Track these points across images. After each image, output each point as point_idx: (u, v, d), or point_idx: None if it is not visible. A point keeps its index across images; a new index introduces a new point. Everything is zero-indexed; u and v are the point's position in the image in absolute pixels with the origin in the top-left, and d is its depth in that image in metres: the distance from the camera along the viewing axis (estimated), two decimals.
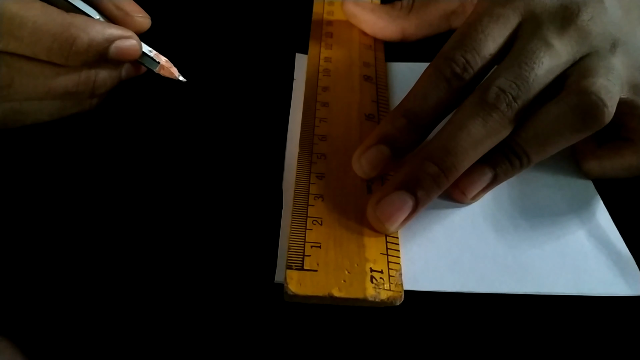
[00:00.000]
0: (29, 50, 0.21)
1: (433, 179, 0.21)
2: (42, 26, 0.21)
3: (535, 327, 0.20)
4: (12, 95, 0.22)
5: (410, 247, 0.22)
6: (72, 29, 0.21)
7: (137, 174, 0.25)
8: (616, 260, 0.22)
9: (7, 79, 0.22)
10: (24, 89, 0.22)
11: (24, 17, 0.21)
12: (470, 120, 0.21)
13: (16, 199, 0.23)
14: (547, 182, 0.25)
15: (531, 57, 0.21)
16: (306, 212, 0.22)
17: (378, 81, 0.29)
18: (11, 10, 0.20)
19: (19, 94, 0.22)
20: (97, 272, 0.21)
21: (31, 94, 0.23)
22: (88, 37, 0.22)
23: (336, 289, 0.19)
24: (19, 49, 0.21)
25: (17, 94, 0.22)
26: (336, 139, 0.25)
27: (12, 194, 0.23)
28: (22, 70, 0.22)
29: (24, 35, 0.21)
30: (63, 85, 0.23)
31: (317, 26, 0.33)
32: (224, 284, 0.21)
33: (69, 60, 0.22)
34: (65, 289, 0.20)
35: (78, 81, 0.24)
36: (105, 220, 0.23)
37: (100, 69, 0.24)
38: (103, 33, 0.22)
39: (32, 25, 0.21)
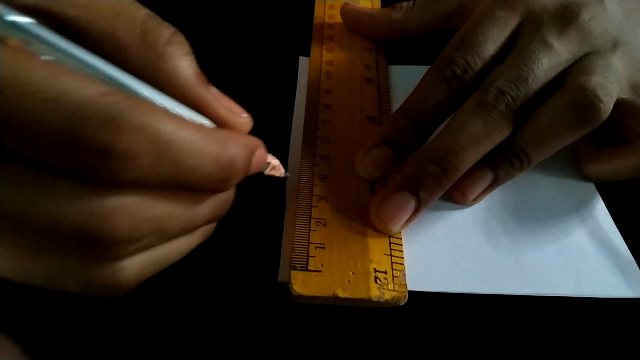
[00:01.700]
0: (180, 180, 0.14)
1: (434, 179, 0.21)
2: (203, 145, 0.14)
3: (537, 328, 0.20)
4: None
5: (413, 248, 0.22)
6: (230, 146, 0.15)
7: None
8: (617, 262, 0.22)
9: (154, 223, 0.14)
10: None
11: (183, 138, 0.13)
12: (470, 121, 0.21)
13: None
14: (549, 183, 0.25)
15: (530, 58, 0.22)
16: (310, 213, 0.22)
17: (379, 83, 0.29)
18: (171, 133, 0.13)
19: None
20: None
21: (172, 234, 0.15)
22: (244, 153, 0.15)
23: (340, 290, 0.19)
24: (163, 178, 0.13)
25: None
26: (339, 141, 0.26)
27: None
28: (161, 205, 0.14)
29: (179, 161, 0.13)
30: (206, 217, 0.16)
31: (319, 29, 0.33)
32: (227, 283, 0.21)
33: (227, 185, 0.15)
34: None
35: (220, 206, 0.17)
36: None
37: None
38: (247, 144, 0.16)
39: (192, 147, 0.13)
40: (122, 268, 0.14)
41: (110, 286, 0.14)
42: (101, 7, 0.14)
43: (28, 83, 0.11)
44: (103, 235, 0.13)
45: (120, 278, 0.14)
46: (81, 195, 0.12)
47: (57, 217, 0.12)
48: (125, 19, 0.14)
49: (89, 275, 0.14)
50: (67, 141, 0.11)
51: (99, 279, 0.14)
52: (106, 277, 0.14)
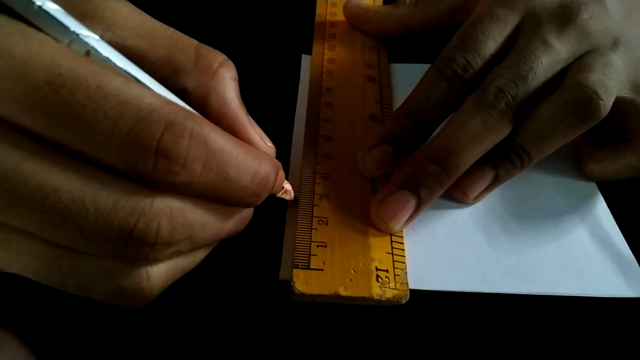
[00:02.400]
0: (222, 189, 0.15)
1: (435, 178, 0.21)
2: (244, 159, 0.15)
3: (538, 327, 0.20)
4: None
5: (414, 247, 0.22)
6: (264, 163, 0.16)
7: None
8: (619, 262, 0.22)
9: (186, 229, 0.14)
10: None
11: (230, 150, 0.14)
12: (470, 120, 0.21)
13: None
14: (550, 183, 0.25)
15: (530, 57, 0.22)
16: (312, 211, 0.22)
17: (381, 82, 0.29)
18: (220, 144, 0.14)
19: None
20: None
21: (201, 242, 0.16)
22: (275, 172, 0.16)
23: (342, 288, 0.19)
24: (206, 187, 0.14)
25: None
26: (340, 140, 0.26)
27: None
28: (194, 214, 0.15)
29: (224, 171, 0.14)
30: (231, 230, 0.17)
31: (321, 28, 0.33)
32: (229, 281, 0.21)
33: (258, 200, 0.16)
34: None
35: (243, 221, 0.18)
36: None
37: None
38: (275, 164, 0.17)
39: (236, 159, 0.14)
40: (150, 275, 0.15)
41: (136, 293, 0.15)
42: (159, 37, 0.16)
43: (106, 88, 0.12)
44: (146, 234, 0.13)
45: (147, 286, 0.15)
46: (132, 193, 0.13)
47: (107, 211, 0.13)
48: (181, 46, 0.16)
49: (119, 280, 0.14)
50: (133, 142, 0.12)
51: (128, 285, 0.14)
52: (135, 283, 0.14)
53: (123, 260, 0.14)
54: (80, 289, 0.14)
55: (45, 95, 0.12)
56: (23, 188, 0.12)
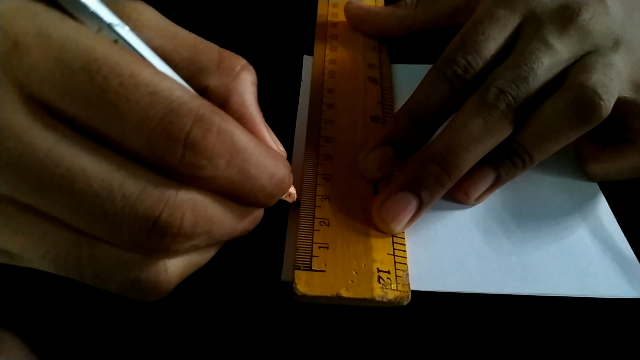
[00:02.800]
0: (241, 186, 0.15)
1: (436, 179, 0.21)
2: (264, 159, 0.15)
3: (540, 327, 0.20)
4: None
5: (416, 248, 0.22)
6: (281, 165, 0.16)
7: None
8: (620, 262, 0.22)
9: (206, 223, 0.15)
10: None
11: (252, 148, 0.15)
12: (471, 120, 0.21)
13: None
14: (552, 183, 0.25)
15: (531, 58, 0.22)
16: (313, 213, 0.22)
17: (383, 82, 0.29)
18: (244, 141, 0.14)
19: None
20: None
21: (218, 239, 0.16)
22: (289, 175, 0.17)
23: (344, 289, 0.20)
24: (224, 181, 0.14)
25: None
26: (342, 141, 0.26)
27: None
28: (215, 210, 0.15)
29: (246, 168, 0.15)
30: (244, 229, 0.17)
31: (322, 28, 0.33)
32: (231, 282, 0.21)
33: (273, 200, 0.16)
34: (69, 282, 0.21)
35: (254, 221, 0.18)
36: None
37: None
38: (289, 167, 0.17)
39: (257, 158, 0.15)
40: (167, 269, 0.15)
41: (154, 285, 0.15)
42: (183, 39, 0.16)
43: (139, 77, 0.12)
44: (169, 224, 0.13)
45: (164, 279, 0.15)
46: (158, 184, 0.13)
47: (133, 199, 0.13)
48: (204, 49, 0.16)
49: (137, 272, 0.14)
50: (163, 132, 0.13)
51: (146, 276, 0.15)
52: (153, 275, 0.15)
53: (144, 250, 0.14)
54: (98, 279, 0.14)
55: (80, 80, 0.12)
56: (55, 169, 0.12)
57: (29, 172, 0.12)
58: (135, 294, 0.15)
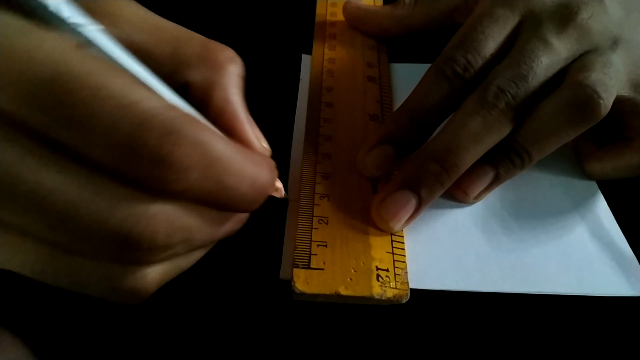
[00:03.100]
0: (218, 196, 0.14)
1: (435, 178, 0.21)
2: (243, 167, 0.14)
3: (538, 326, 0.20)
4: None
5: (414, 247, 0.22)
6: (263, 170, 0.15)
7: None
8: (619, 261, 0.22)
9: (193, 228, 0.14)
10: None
11: (229, 157, 0.14)
12: (470, 119, 0.21)
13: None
14: (551, 182, 0.25)
15: (530, 56, 0.22)
16: (312, 211, 0.22)
17: (382, 82, 0.29)
18: (219, 151, 0.14)
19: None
20: None
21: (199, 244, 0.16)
22: (272, 178, 0.16)
23: (343, 287, 0.20)
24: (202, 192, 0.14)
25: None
26: (341, 139, 0.26)
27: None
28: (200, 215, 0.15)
29: (222, 179, 0.14)
30: (226, 232, 0.17)
31: (321, 27, 0.33)
32: (229, 281, 0.21)
33: (255, 206, 0.16)
34: None
35: (238, 222, 0.17)
36: None
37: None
38: (272, 168, 0.16)
39: (235, 167, 0.14)
40: (146, 275, 0.15)
41: (132, 292, 0.15)
42: (164, 32, 0.15)
43: (108, 89, 0.12)
44: (142, 239, 0.13)
45: (143, 285, 0.15)
46: (128, 198, 0.13)
47: (103, 216, 0.12)
48: (186, 41, 0.16)
49: (116, 281, 0.14)
50: (131, 147, 0.12)
51: (124, 285, 0.14)
52: (131, 283, 0.14)
53: (119, 262, 0.14)
54: (77, 287, 0.14)
55: (45, 93, 0.11)
56: (21, 186, 0.12)
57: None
58: (115, 299, 0.15)
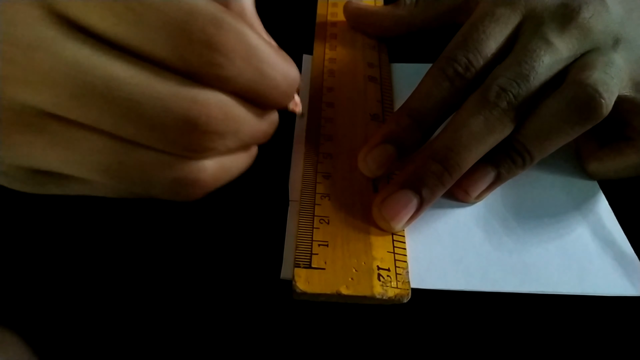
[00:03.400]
0: (258, 85, 0.16)
1: (437, 177, 0.21)
2: (276, 58, 0.16)
3: (539, 325, 0.20)
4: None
5: (416, 246, 0.22)
6: (291, 64, 0.17)
7: None
8: (620, 261, 0.22)
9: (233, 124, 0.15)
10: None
11: (264, 47, 0.15)
12: (472, 119, 0.21)
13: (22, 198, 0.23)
14: (552, 181, 0.25)
15: (531, 56, 0.22)
16: (313, 211, 0.22)
17: (382, 81, 0.29)
18: (256, 40, 0.15)
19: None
20: (103, 269, 0.21)
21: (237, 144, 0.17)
22: (298, 75, 0.17)
23: (344, 287, 0.19)
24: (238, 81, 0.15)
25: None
26: (342, 139, 0.26)
27: (18, 193, 0.24)
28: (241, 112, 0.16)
29: (261, 67, 0.15)
30: (266, 131, 0.18)
31: (321, 27, 0.33)
32: (230, 280, 0.21)
33: (287, 100, 0.17)
34: (70, 282, 0.21)
35: (271, 125, 0.18)
36: (112, 218, 0.23)
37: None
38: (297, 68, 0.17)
39: (270, 57, 0.15)
40: (205, 168, 0.16)
41: (194, 183, 0.16)
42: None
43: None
44: (200, 122, 0.14)
45: (203, 177, 0.16)
46: (187, 87, 0.14)
47: (166, 102, 0.14)
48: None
49: (179, 171, 0.15)
50: (185, 33, 0.13)
51: (187, 175, 0.16)
52: (193, 173, 0.16)
53: (181, 151, 0.15)
54: (145, 183, 0.15)
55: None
56: (90, 78, 0.13)
57: (68, 83, 0.13)
58: (177, 193, 0.16)
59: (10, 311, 0.20)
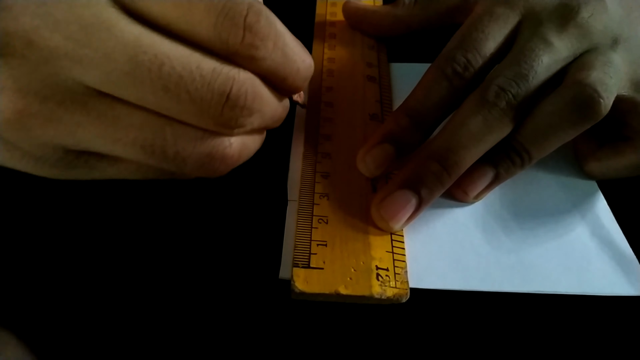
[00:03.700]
0: (283, 69, 0.17)
1: (436, 177, 0.21)
2: (297, 46, 0.18)
3: (538, 325, 0.20)
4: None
5: (414, 246, 0.22)
6: (305, 50, 0.18)
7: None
8: (619, 260, 0.22)
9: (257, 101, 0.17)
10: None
11: (288, 35, 0.17)
12: (471, 118, 0.21)
13: (21, 198, 0.23)
14: (551, 181, 0.25)
15: (530, 56, 0.22)
16: (312, 210, 0.22)
17: (381, 81, 0.29)
18: (282, 28, 0.17)
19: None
20: (101, 269, 0.21)
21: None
22: (313, 64, 0.19)
23: (342, 287, 0.19)
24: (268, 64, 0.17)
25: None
26: (341, 139, 0.26)
27: (17, 192, 0.24)
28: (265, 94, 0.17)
29: (286, 52, 0.17)
30: (281, 115, 0.19)
31: (320, 27, 0.33)
32: (229, 280, 0.21)
33: (305, 84, 0.19)
34: (68, 282, 0.21)
35: (284, 110, 0.20)
36: (111, 218, 0.23)
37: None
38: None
39: (292, 44, 0.17)
40: (231, 144, 0.17)
41: (223, 158, 0.17)
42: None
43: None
44: (240, 97, 0.16)
45: (229, 152, 0.17)
46: (224, 65, 0.16)
47: (209, 77, 0.15)
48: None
49: (210, 145, 0.17)
50: (226, 17, 0.15)
51: (217, 150, 0.17)
52: (222, 148, 0.17)
53: (215, 125, 0.16)
54: (179, 157, 0.17)
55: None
56: (144, 56, 0.14)
57: (122, 60, 0.14)
58: (207, 167, 0.17)
59: (8, 312, 0.20)
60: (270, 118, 0.18)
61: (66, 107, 0.15)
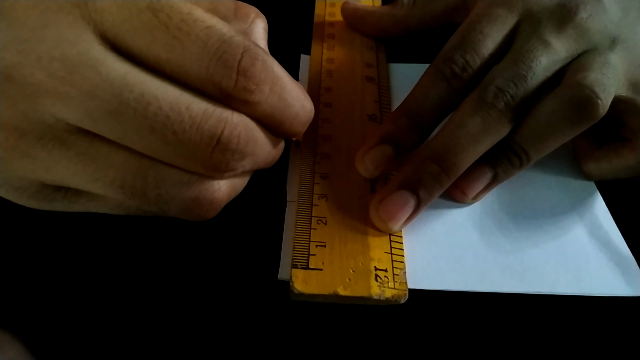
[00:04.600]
0: (280, 112, 0.17)
1: (434, 178, 0.21)
2: (297, 88, 0.17)
3: (537, 326, 0.20)
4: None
5: (413, 247, 0.22)
6: (306, 94, 0.18)
7: None
8: (617, 261, 0.22)
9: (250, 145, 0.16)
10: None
11: (287, 77, 0.17)
12: (469, 119, 0.21)
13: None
14: (549, 182, 0.25)
15: (529, 56, 0.22)
16: (310, 211, 0.22)
17: (380, 82, 0.29)
18: (279, 71, 0.16)
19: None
20: (100, 270, 0.21)
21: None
22: (312, 104, 0.19)
23: (341, 288, 0.20)
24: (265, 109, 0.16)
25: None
26: (339, 139, 0.26)
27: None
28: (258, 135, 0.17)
29: (283, 96, 0.17)
30: (274, 157, 0.19)
31: (319, 28, 0.33)
32: (228, 281, 0.21)
33: (303, 129, 0.19)
34: (68, 283, 0.21)
35: (278, 152, 0.19)
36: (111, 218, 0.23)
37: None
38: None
39: (291, 86, 0.17)
40: (220, 187, 0.17)
41: (210, 202, 0.17)
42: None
43: (196, 14, 0.14)
44: (231, 141, 0.15)
45: (217, 197, 0.17)
46: (216, 107, 0.15)
47: (198, 119, 0.15)
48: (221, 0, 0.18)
49: (196, 189, 0.16)
50: (220, 60, 0.14)
51: (204, 194, 0.16)
52: (210, 193, 0.16)
53: (204, 169, 0.16)
54: (161, 200, 0.16)
55: (147, 18, 0.14)
56: (129, 95, 0.14)
57: (106, 98, 0.14)
58: (193, 212, 0.17)
59: (9, 313, 0.20)
60: (264, 161, 0.18)
61: (44, 144, 0.15)
